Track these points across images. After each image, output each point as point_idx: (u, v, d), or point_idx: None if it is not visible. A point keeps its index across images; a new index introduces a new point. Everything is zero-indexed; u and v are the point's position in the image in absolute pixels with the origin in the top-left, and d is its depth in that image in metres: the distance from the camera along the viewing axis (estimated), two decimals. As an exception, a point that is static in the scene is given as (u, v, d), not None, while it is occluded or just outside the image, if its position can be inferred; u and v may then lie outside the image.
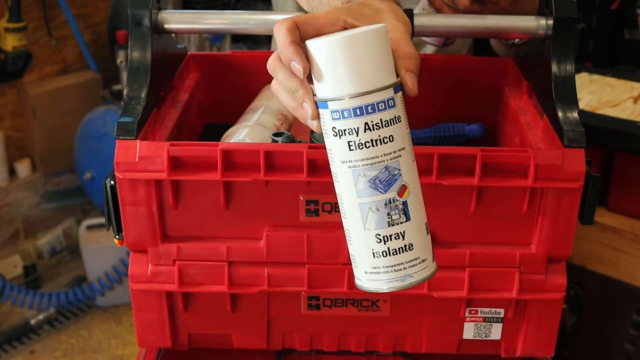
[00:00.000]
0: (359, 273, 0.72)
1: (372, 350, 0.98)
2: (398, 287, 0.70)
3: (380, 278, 0.70)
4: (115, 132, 0.84)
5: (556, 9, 0.91)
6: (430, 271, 0.71)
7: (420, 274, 0.70)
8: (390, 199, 0.68)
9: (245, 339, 0.97)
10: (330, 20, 0.70)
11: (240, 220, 0.88)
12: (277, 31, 0.68)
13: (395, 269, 0.70)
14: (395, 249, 0.69)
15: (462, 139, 1.12)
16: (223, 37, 2.82)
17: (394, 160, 0.68)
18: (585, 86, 1.50)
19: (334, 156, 0.69)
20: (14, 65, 2.60)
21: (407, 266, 0.70)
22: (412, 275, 0.70)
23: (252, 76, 1.16)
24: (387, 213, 0.68)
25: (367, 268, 0.71)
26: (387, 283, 0.70)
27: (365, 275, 0.71)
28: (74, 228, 2.87)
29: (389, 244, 0.69)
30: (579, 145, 0.83)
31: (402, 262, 0.70)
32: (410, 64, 0.70)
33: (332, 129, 0.68)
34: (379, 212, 0.68)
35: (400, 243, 0.69)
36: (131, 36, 0.92)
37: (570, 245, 0.87)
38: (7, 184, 2.71)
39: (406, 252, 0.69)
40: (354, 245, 0.71)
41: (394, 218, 0.69)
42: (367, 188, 0.68)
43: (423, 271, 0.71)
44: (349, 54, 0.66)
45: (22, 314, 2.58)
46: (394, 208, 0.68)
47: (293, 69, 0.68)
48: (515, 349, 0.96)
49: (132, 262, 0.90)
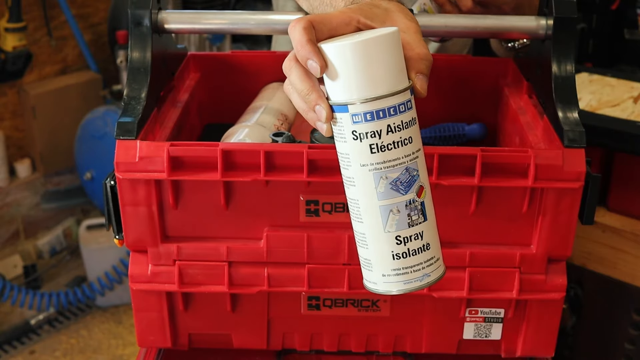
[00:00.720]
0: (375, 277, 0.72)
1: (372, 350, 0.98)
2: (417, 287, 0.71)
3: (399, 279, 0.70)
4: (115, 132, 0.84)
5: (556, 9, 0.91)
6: (443, 269, 0.72)
7: (435, 273, 0.71)
8: (410, 199, 0.68)
9: (245, 339, 0.97)
10: (344, 20, 0.70)
11: (240, 220, 0.88)
12: (293, 30, 0.68)
13: (414, 270, 0.70)
14: (415, 250, 0.70)
15: (462, 139, 1.12)
16: (223, 37, 2.82)
17: (413, 162, 0.68)
18: (585, 86, 1.50)
19: (351, 160, 0.69)
20: (14, 65, 2.60)
21: (425, 266, 0.70)
22: (429, 275, 0.71)
23: (252, 76, 1.16)
24: (408, 214, 0.69)
25: (386, 271, 0.70)
26: (406, 284, 0.70)
27: (382, 278, 0.71)
28: (74, 228, 2.87)
29: (408, 245, 0.69)
30: (579, 145, 0.83)
31: (420, 262, 0.70)
32: (422, 65, 0.70)
33: (352, 132, 0.67)
34: (400, 213, 0.68)
35: (419, 243, 0.70)
36: (131, 36, 0.92)
37: (570, 245, 0.87)
38: (7, 184, 2.71)
39: (424, 252, 0.70)
40: (370, 249, 0.71)
41: (413, 219, 0.69)
42: (388, 190, 0.68)
43: (438, 270, 0.71)
44: (377, 56, 0.66)
45: (22, 314, 2.58)
46: (414, 209, 0.69)
47: (309, 68, 0.67)
48: (515, 349, 0.96)
49: (132, 262, 0.90)
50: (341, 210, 0.87)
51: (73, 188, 2.87)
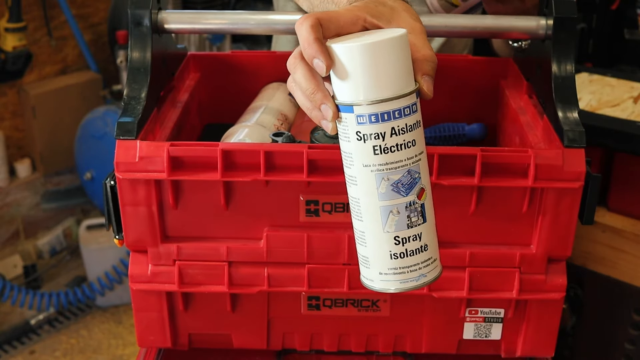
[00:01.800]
0: (372, 274, 0.72)
1: (372, 350, 0.98)
2: (412, 287, 0.71)
3: (396, 279, 0.71)
4: (115, 132, 0.84)
5: (556, 9, 0.91)
6: (439, 269, 0.73)
7: (432, 274, 0.72)
8: (410, 201, 0.69)
9: (245, 339, 0.97)
10: (351, 19, 0.70)
11: (240, 220, 0.88)
12: (300, 27, 0.67)
13: (411, 270, 0.70)
14: (412, 250, 0.70)
15: (462, 139, 1.12)
16: (223, 37, 2.82)
17: (415, 164, 0.68)
18: (585, 86, 1.50)
19: (354, 160, 0.69)
20: (14, 65, 2.60)
21: (422, 266, 0.71)
22: (425, 275, 0.71)
23: (252, 76, 1.16)
24: (407, 215, 0.69)
25: (383, 269, 0.71)
26: (402, 283, 0.71)
27: (379, 277, 0.72)
28: (74, 228, 2.87)
29: (406, 246, 0.70)
30: (579, 145, 0.83)
31: (417, 263, 0.71)
32: (428, 67, 0.70)
33: (357, 133, 0.67)
34: (400, 214, 0.69)
35: (417, 244, 0.70)
36: (131, 36, 0.92)
37: (570, 245, 0.87)
38: (7, 184, 2.71)
39: (421, 253, 0.71)
40: (369, 247, 0.71)
41: (412, 220, 0.69)
42: (389, 191, 0.68)
43: (434, 270, 0.72)
44: (385, 59, 0.65)
45: (22, 314, 2.58)
46: (414, 210, 0.69)
47: (315, 67, 0.67)
48: (515, 349, 0.96)
49: (132, 262, 0.90)
50: (341, 210, 0.87)
51: (73, 188, 2.87)
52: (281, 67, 1.23)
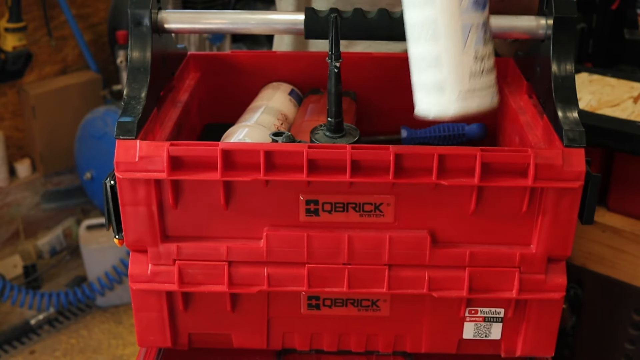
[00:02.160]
0: (446, 99, 0.73)
1: (372, 350, 0.98)
2: (488, 107, 0.74)
3: (474, 97, 0.73)
4: (115, 132, 0.84)
5: (556, 9, 0.91)
6: (498, 95, 0.76)
7: (496, 96, 0.74)
8: (485, 17, 0.72)
9: (245, 338, 0.97)
10: None
11: (240, 220, 0.88)
12: None
13: (487, 88, 0.73)
14: (487, 69, 0.73)
15: (462, 139, 1.12)
16: (223, 37, 2.82)
17: None
18: (585, 86, 1.50)
19: None
20: (14, 65, 2.60)
21: (492, 85, 0.74)
22: (493, 97, 0.74)
23: (252, 76, 1.16)
24: (485, 31, 0.72)
25: (463, 89, 0.72)
26: (480, 103, 0.73)
27: (456, 99, 0.73)
28: (74, 228, 2.87)
29: (484, 64, 0.72)
30: (579, 145, 0.83)
31: (490, 85, 0.73)
32: None
33: None
34: (478, 31, 0.71)
35: (490, 64, 0.73)
36: (131, 36, 0.92)
37: (570, 245, 0.87)
38: (7, 184, 2.71)
39: (492, 73, 0.73)
40: (445, 68, 0.72)
41: (486, 38, 0.72)
42: (471, 6, 0.71)
43: (496, 93, 0.74)
44: None
45: (22, 314, 2.58)
46: (488, 30, 0.72)
47: None
48: (515, 348, 0.96)
49: (132, 262, 0.90)
50: (341, 210, 0.87)
51: (73, 188, 2.87)
52: (281, 67, 1.24)
